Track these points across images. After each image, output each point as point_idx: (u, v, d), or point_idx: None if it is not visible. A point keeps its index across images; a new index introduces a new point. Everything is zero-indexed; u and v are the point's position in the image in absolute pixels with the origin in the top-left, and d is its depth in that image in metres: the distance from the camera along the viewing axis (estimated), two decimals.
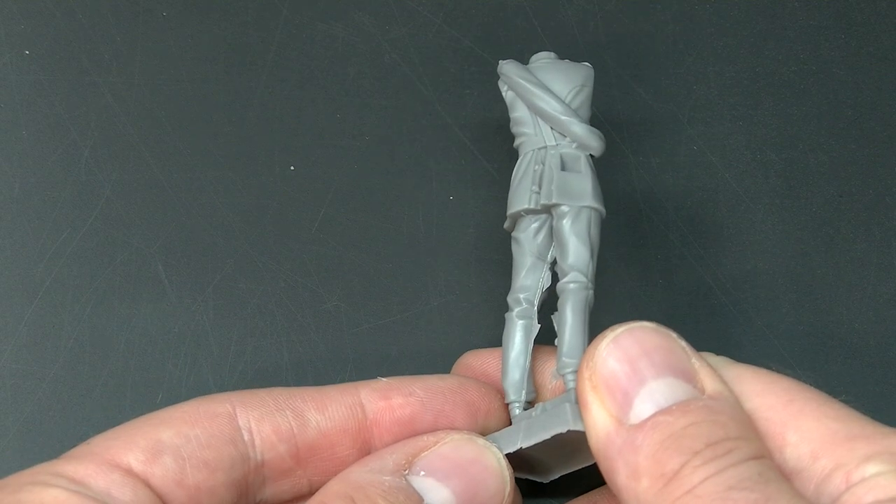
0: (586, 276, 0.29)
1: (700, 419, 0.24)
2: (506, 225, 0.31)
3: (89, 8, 0.38)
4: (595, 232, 0.30)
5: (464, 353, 0.32)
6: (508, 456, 0.28)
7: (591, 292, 0.29)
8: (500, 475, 0.27)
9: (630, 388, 0.25)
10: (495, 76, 0.32)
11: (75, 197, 0.36)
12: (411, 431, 0.29)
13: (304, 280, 0.35)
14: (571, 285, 0.29)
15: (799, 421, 0.25)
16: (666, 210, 0.37)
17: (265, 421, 0.28)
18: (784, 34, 0.39)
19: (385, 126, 0.37)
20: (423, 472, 0.27)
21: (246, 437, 0.27)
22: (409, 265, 0.36)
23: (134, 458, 0.26)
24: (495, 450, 0.28)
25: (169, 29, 0.38)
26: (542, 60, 0.32)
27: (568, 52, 0.38)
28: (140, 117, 0.37)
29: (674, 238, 0.36)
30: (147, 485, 0.26)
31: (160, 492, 0.26)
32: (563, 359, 0.29)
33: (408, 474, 0.27)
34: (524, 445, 0.28)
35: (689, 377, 0.25)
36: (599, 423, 0.25)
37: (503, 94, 0.32)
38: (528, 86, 0.31)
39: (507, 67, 0.32)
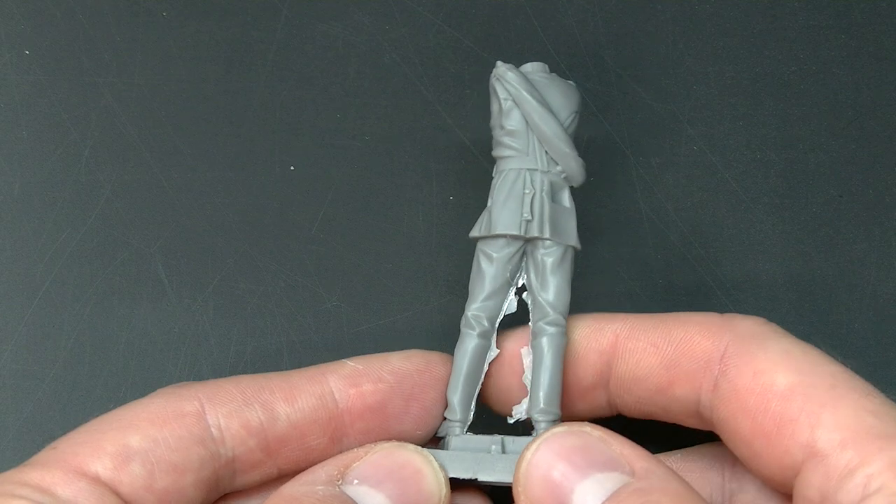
0: (565, 319, 0.30)
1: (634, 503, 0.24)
2: (476, 234, 0.30)
3: (89, 8, 0.38)
4: (572, 271, 0.30)
5: None
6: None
7: (566, 338, 0.30)
8: (434, 477, 0.27)
9: (562, 497, 0.25)
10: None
11: (75, 197, 0.36)
12: (383, 416, 0.29)
13: (304, 280, 0.35)
14: (553, 329, 0.29)
15: (837, 406, 0.25)
16: (666, 210, 0.37)
17: (234, 417, 0.27)
18: (784, 34, 0.39)
19: (385, 126, 0.37)
20: (356, 481, 0.27)
21: (215, 435, 0.27)
22: (409, 265, 0.36)
23: (101, 466, 0.25)
24: (426, 453, 0.28)
25: (169, 29, 0.38)
26: (541, 75, 0.31)
27: (568, 52, 0.38)
28: (140, 117, 0.37)
29: (674, 238, 0.36)
30: (115, 492, 0.25)
31: (128, 499, 0.26)
32: (542, 405, 0.29)
33: (341, 484, 0.27)
34: (482, 479, 0.28)
35: (615, 465, 0.26)
36: None
37: (500, 99, 0.30)
38: (537, 104, 0.30)
39: (512, 77, 0.30)
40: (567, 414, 0.30)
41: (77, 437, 0.26)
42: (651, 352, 0.29)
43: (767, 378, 0.26)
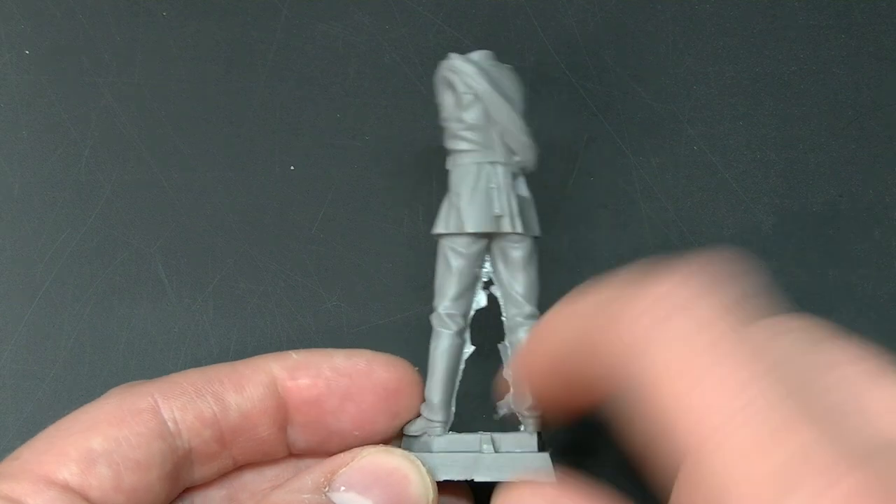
0: (538, 310, 0.30)
1: None
2: (443, 231, 0.30)
3: (89, 8, 0.38)
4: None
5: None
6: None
7: None
8: (420, 482, 0.27)
9: None
10: None
11: (75, 197, 0.36)
12: (319, 412, 0.29)
13: (304, 280, 0.35)
14: (530, 322, 0.29)
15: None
16: (666, 210, 0.37)
17: (188, 409, 0.28)
18: (784, 34, 0.39)
19: (385, 126, 0.37)
20: (343, 488, 0.27)
21: (172, 428, 0.27)
22: (409, 265, 0.36)
23: (68, 472, 0.25)
24: (413, 457, 0.28)
25: (169, 29, 0.38)
26: (489, 64, 0.30)
27: (568, 52, 0.38)
28: (140, 117, 0.37)
29: (674, 238, 0.36)
30: (85, 497, 0.25)
31: (98, 502, 0.26)
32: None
33: (328, 491, 0.27)
34: (478, 479, 0.28)
35: None
36: None
37: (458, 93, 0.30)
38: (500, 99, 0.30)
39: (471, 69, 0.30)
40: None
41: (38, 445, 0.26)
42: None
43: None
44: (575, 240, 0.35)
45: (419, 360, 0.31)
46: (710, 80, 0.38)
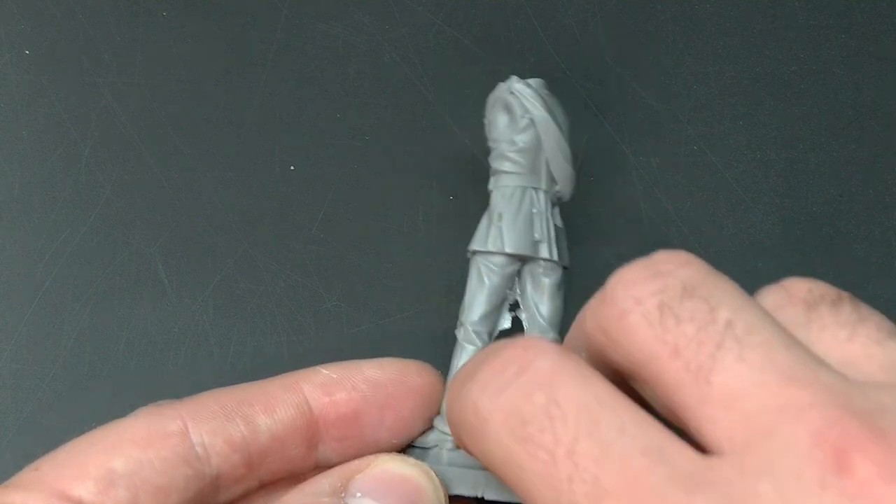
0: (561, 337, 0.30)
1: None
2: (481, 248, 0.30)
3: (89, 8, 0.38)
4: None
5: None
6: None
7: None
8: (434, 492, 0.27)
9: None
10: (495, 76, 0.32)
11: (75, 197, 0.36)
12: (357, 426, 0.29)
13: (304, 280, 0.35)
14: None
15: None
16: (666, 210, 0.37)
17: (218, 434, 0.27)
18: (784, 34, 0.39)
19: (385, 126, 0.37)
20: (359, 493, 0.27)
21: (200, 454, 0.27)
22: (409, 265, 0.36)
23: (85, 490, 0.25)
24: (426, 467, 0.28)
25: (169, 29, 0.38)
26: (545, 92, 0.31)
27: (568, 52, 0.38)
28: (140, 117, 0.37)
29: (674, 238, 0.36)
30: None
31: None
32: None
33: (345, 496, 0.27)
34: (489, 497, 0.28)
35: None
36: None
37: (516, 114, 0.30)
38: (557, 129, 0.30)
39: (531, 94, 0.30)
40: None
41: (59, 458, 0.26)
42: None
43: None
44: (575, 240, 0.35)
45: (421, 360, 0.31)
46: (710, 80, 0.38)
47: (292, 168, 0.36)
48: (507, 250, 0.30)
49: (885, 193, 0.37)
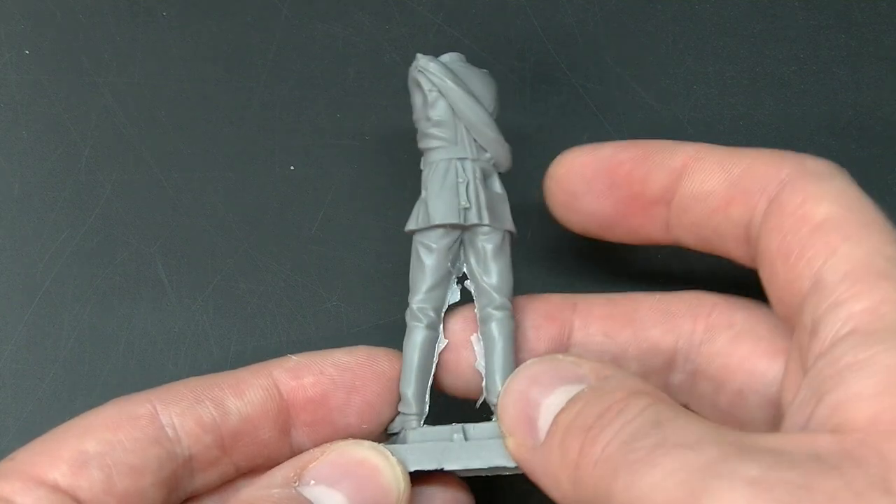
0: (511, 302, 0.30)
1: (587, 400, 0.25)
2: (413, 227, 0.31)
3: (89, 8, 0.38)
4: (511, 254, 0.31)
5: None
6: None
7: (514, 320, 0.30)
8: (391, 472, 0.27)
9: (531, 414, 0.26)
10: (495, 76, 0.32)
11: (75, 197, 0.36)
12: (325, 409, 0.29)
13: (304, 280, 0.35)
14: (501, 313, 0.30)
15: (859, 243, 0.25)
16: None
17: (187, 415, 0.28)
18: (784, 34, 0.39)
19: (385, 126, 0.37)
20: (313, 482, 0.27)
21: (171, 435, 0.27)
22: (409, 266, 0.36)
23: (59, 473, 0.26)
24: (382, 448, 0.28)
25: (169, 29, 0.38)
26: (459, 65, 0.31)
27: (568, 52, 0.38)
28: (140, 117, 0.37)
29: None
30: (75, 498, 0.26)
31: None
32: (501, 388, 0.29)
33: (298, 485, 0.27)
34: (448, 468, 0.28)
35: (581, 379, 0.26)
36: (521, 455, 0.26)
37: (424, 90, 0.31)
38: (462, 93, 0.30)
39: (435, 67, 0.30)
40: (627, 231, 0.31)
41: (34, 447, 0.27)
42: (717, 170, 0.29)
43: (811, 206, 0.26)
44: (575, 239, 0.35)
45: None
46: (710, 80, 0.38)
47: (292, 168, 0.36)
48: (434, 221, 0.30)
49: (885, 193, 0.37)
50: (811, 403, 0.23)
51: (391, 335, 0.35)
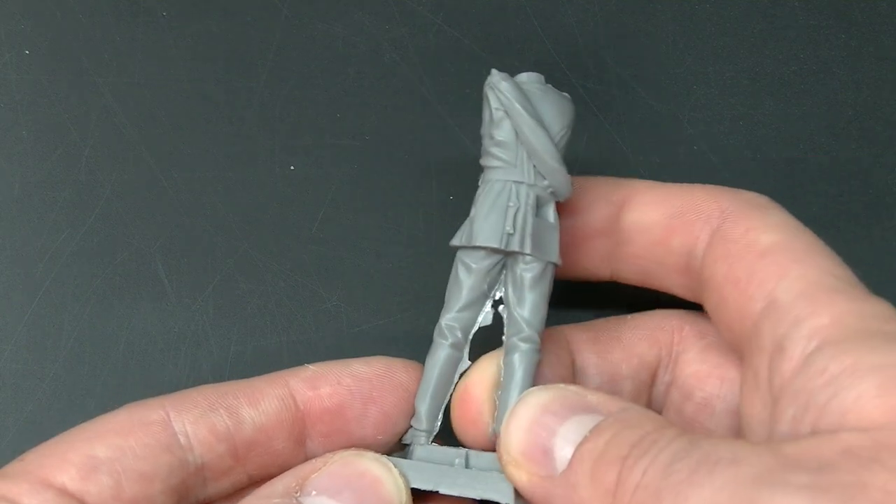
0: (540, 336, 0.29)
1: (616, 430, 0.25)
2: (457, 243, 0.30)
3: (89, 8, 0.38)
4: (551, 288, 0.30)
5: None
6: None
7: (539, 354, 0.29)
8: (392, 484, 0.27)
9: (545, 442, 0.26)
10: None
11: (75, 197, 0.36)
12: (342, 420, 0.29)
13: (304, 280, 0.35)
14: (525, 346, 0.29)
15: (807, 265, 0.26)
16: None
17: (200, 423, 0.27)
18: (784, 34, 0.39)
19: (385, 126, 0.37)
20: (314, 492, 0.27)
21: (183, 442, 0.27)
22: (409, 265, 0.36)
23: (68, 477, 0.26)
24: (386, 460, 0.28)
25: (169, 29, 0.38)
26: (536, 86, 0.30)
27: (568, 52, 0.38)
28: (140, 117, 0.37)
29: None
30: (82, 503, 0.25)
31: None
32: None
33: (299, 496, 0.27)
34: (443, 492, 0.28)
35: (592, 409, 0.26)
36: (536, 485, 0.26)
37: (491, 108, 0.30)
38: (528, 117, 0.29)
39: (506, 87, 0.29)
40: (567, 265, 0.30)
41: (44, 449, 0.27)
42: (658, 203, 0.30)
43: (756, 234, 0.28)
44: None
45: (420, 360, 0.31)
46: (710, 80, 0.38)
47: (292, 168, 0.36)
48: (476, 243, 0.29)
49: (885, 193, 0.37)
50: (810, 414, 0.23)
51: (391, 335, 0.35)
